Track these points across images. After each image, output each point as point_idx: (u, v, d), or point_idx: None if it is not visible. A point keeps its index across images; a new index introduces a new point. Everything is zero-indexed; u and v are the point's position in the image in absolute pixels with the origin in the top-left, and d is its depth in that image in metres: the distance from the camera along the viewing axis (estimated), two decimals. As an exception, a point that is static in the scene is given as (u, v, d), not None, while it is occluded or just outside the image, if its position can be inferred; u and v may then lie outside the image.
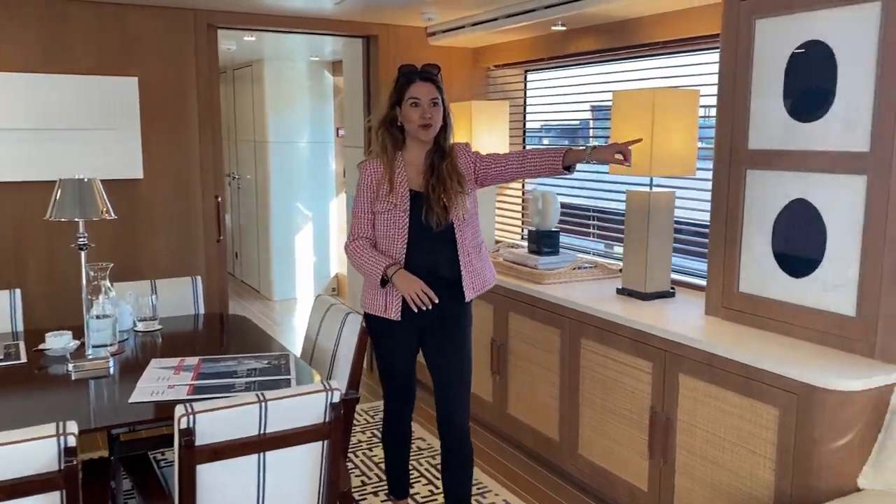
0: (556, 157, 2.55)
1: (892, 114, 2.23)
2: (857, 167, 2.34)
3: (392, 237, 2.57)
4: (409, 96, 2.52)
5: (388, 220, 2.57)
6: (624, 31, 3.57)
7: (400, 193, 2.56)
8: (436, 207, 2.54)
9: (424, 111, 2.52)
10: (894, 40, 2.22)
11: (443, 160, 2.59)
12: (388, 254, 2.57)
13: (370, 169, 2.60)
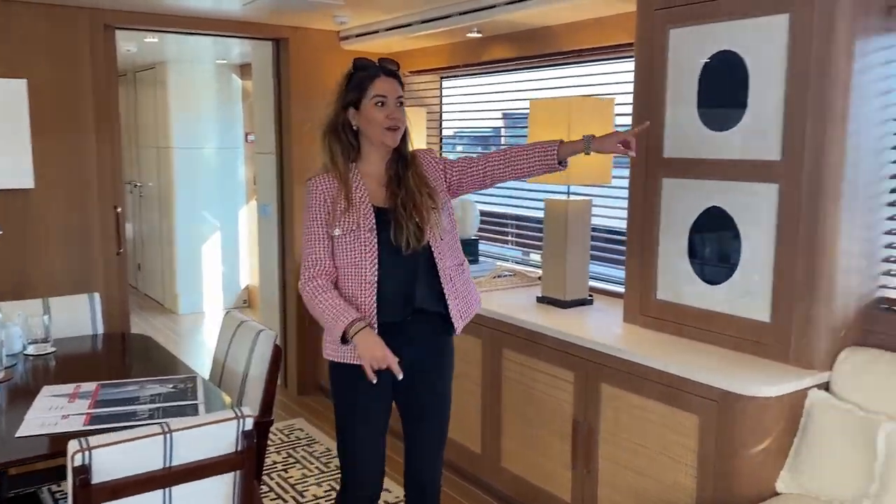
0: (548, 152, 2.23)
1: (801, 123, 2.28)
2: (769, 175, 2.38)
3: (359, 263, 2.15)
4: (373, 94, 2.13)
5: (351, 244, 2.15)
6: (539, 39, 3.56)
7: (362, 211, 2.16)
8: (408, 226, 2.15)
9: (391, 111, 2.14)
10: (802, 51, 2.27)
11: (407, 169, 2.21)
12: (355, 284, 2.16)
13: (322, 185, 2.19)
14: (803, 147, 2.28)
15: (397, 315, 2.18)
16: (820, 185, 2.26)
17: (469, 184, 2.32)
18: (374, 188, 2.21)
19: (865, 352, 2.30)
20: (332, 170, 2.20)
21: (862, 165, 2.29)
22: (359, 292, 2.16)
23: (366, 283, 2.15)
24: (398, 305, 2.17)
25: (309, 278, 2.18)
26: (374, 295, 2.15)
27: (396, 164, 2.23)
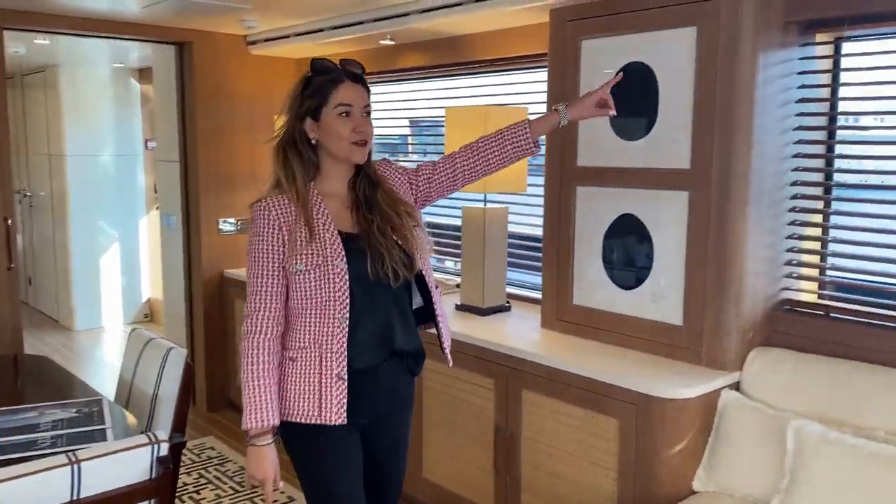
0: (521, 135, 2.00)
1: (709, 133, 2.36)
2: (679, 184, 2.46)
3: (327, 303, 1.80)
4: (337, 102, 1.81)
5: (318, 281, 1.80)
6: (453, 47, 3.57)
7: (328, 240, 1.82)
8: (391, 254, 1.84)
9: (358, 122, 1.84)
10: (709, 64, 2.35)
11: (375, 189, 1.92)
12: (322, 326, 1.82)
13: (275, 211, 1.83)
14: (711, 156, 2.37)
15: (372, 359, 1.87)
16: (728, 192, 2.35)
17: (438, 190, 2.07)
18: (338, 211, 1.89)
19: (772, 351, 2.41)
20: (287, 191, 1.85)
21: (766, 173, 2.40)
22: (326, 337, 1.82)
23: (335, 326, 1.81)
24: (373, 348, 1.86)
25: (253, 330, 1.82)
26: (345, 339, 1.81)
27: (363, 184, 1.92)
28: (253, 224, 1.86)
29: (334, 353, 1.82)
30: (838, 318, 2.42)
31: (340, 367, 1.82)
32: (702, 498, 2.28)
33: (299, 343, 1.85)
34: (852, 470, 1.94)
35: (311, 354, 1.83)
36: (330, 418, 1.81)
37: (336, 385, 1.81)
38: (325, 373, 1.82)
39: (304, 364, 1.83)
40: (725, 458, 2.28)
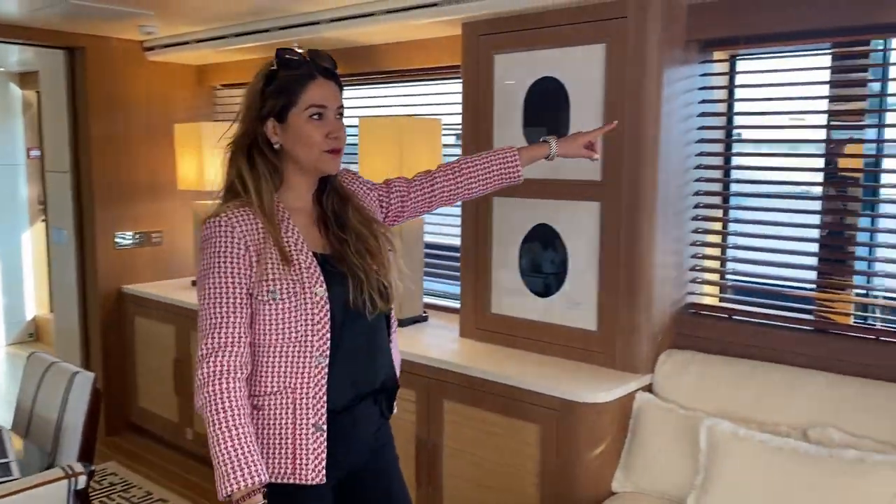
0: (509, 162, 1.89)
1: (619, 146, 2.46)
2: (591, 194, 2.54)
3: (303, 338, 1.55)
4: (309, 103, 1.57)
5: (293, 312, 1.55)
6: (365, 57, 3.55)
7: (301, 262, 1.57)
8: (369, 280, 1.62)
9: (332, 127, 1.60)
10: (618, 79, 2.45)
11: (345, 204, 1.69)
12: (296, 365, 1.56)
13: (239, 227, 1.55)
14: (621, 168, 2.47)
15: (347, 400, 1.62)
16: (637, 202, 2.45)
17: (412, 209, 1.88)
18: (306, 229, 1.64)
19: (681, 354, 2.53)
20: (251, 203, 1.57)
21: (671, 184, 2.52)
22: (301, 379, 1.55)
23: (311, 366, 1.55)
24: (349, 388, 1.62)
25: (220, 371, 1.49)
26: (324, 381, 1.55)
27: (331, 198, 1.69)
28: (209, 243, 1.55)
29: (311, 399, 1.55)
30: (739, 319, 2.57)
31: (318, 415, 1.55)
32: (620, 499, 2.36)
33: (266, 388, 1.55)
34: (761, 464, 2.06)
35: (283, 401, 1.54)
36: (306, 476, 1.54)
37: (313, 437, 1.54)
38: (300, 422, 1.54)
39: (273, 413, 1.55)
40: (642, 458, 2.38)
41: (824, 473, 1.97)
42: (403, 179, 1.91)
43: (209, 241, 1.56)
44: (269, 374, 1.56)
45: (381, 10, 3.02)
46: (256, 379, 1.57)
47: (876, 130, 2.35)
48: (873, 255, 2.38)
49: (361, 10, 3.09)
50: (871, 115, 2.36)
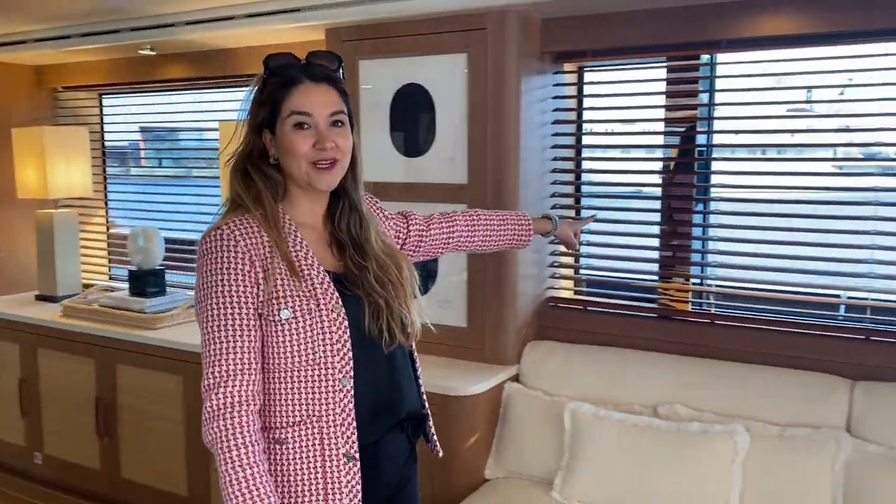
0: (524, 228, 1.93)
1: (483, 151, 2.59)
2: (459, 197, 2.66)
3: (322, 361, 1.41)
4: (289, 110, 1.43)
5: (307, 332, 1.40)
6: (223, 60, 3.48)
7: (314, 278, 1.43)
8: (393, 310, 1.48)
9: (323, 136, 1.44)
10: (480, 88, 2.58)
11: (366, 227, 1.54)
12: (316, 394, 1.40)
13: (245, 240, 1.40)
14: (485, 172, 2.60)
15: (376, 432, 1.48)
16: (500, 204, 2.59)
17: (427, 249, 1.80)
18: (316, 245, 1.50)
19: (543, 344, 2.70)
20: (255, 212, 1.43)
21: (531, 186, 2.68)
22: (326, 406, 1.41)
23: (336, 391, 1.40)
24: (376, 418, 1.48)
25: (231, 403, 1.33)
26: (352, 406, 1.42)
27: (348, 217, 1.53)
28: (210, 259, 1.39)
29: (339, 426, 1.40)
30: (593, 310, 2.79)
31: (349, 443, 1.41)
32: (493, 485, 2.48)
33: (288, 418, 1.40)
34: (619, 441, 2.25)
35: (309, 431, 1.40)
36: None
37: (346, 468, 1.41)
38: (329, 453, 1.40)
39: (298, 445, 1.40)
40: (512, 444, 2.52)
41: (674, 445, 2.19)
42: (420, 216, 1.83)
43: (210, 257, 1.39)
44: (289, 402, 1.40)
45: (242, 14, 2.99)
46: (276, 409, 1.41)
47: (706, 136, 2.63)
48: (706, 247, 2.66)
49: (220, 14, 3.04)
50: (701, 121, 2.63)
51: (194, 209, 3.87)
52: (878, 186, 2.31)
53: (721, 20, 2.40)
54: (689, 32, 2.46)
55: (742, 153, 2.71)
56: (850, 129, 2.40)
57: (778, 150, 2.65)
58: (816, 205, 2.44)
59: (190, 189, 4.01)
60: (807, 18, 2.28)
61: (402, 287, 1.52)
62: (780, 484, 2.11)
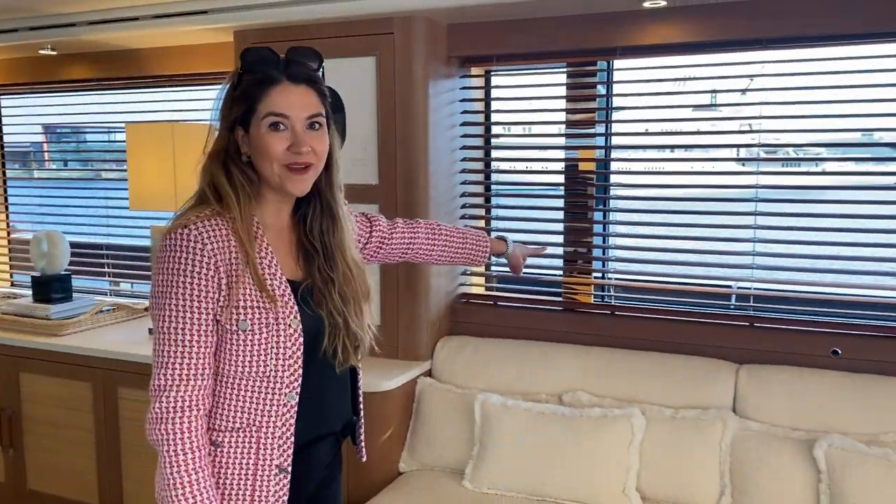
0: (482, 247, 1.96)
1: (393, 153, 2.65)
2: (371, 197, 2.71)
3: (272, 374, 1.41)
4: (265, 111, 1.39)
5: (263, 345, 1.40)
6: (128, 60, 3.42)
7: (276, 288, 1.41)
8: (350, 329, 1.49)
9: (298, 139, 1.40)
10: (388, 90, 2.64)
11: (339, 234, 1.51)
12: (259, 403, 1.42)
13: (210, 244, 1.36)
14: (396, 172, 2.67)
15: (308, 441, 1.50)
16: (412, 203, 2.67)
17: (386, 253, 1.82)
18: (281, 250, 1.48)
19: (455, 339, 2.79)
20: (223, 214, 1.39)
21: (440, 186, 2.76)
22: (268, 416, 1.42)
23: (280, 403, 1.42)
24: (314, 422, 1.50)
25: (179, 407, 1.34)
26: (293, 420, 1.43)
27: (320, 222, 1.50)
28: (173, 258, 1.35)
29: (276, 438, 1.42)
30: (503, 305, 2.89)
31: (284, 456, 1.43)
32: (406, 477, 2.55)
33: (228, 423, 1.42)
34: (527, 428, 2.36)
35: (246, 439, 1.42)
36: None
37: (276, 479, 1.42)
38: (262, 463, 1.41)
39: (234, 451, 1.42)
40: (424, 437, 2.59)
41: (577, 430, 2.31)
42: (384, 221, 1.83)
43: (173, 256, 1.35)
44: (232, 408, 1.42)
45: (148, 15, 2.96)
46: (219, 412, 1.42)
47: (604, 137, 2.78)
48: (607, 243, 2.81)
49: (125, 14, 3.00)
50: (599, 123, 2.77)
51: (102, 212, 3.78)
52: (758, 184, 2.50)
53: (616, 29, 2.54)
54: (587, 40, 2.59)
55: (638, 153, 2.87)
56: (730, 131, 2.58)
57: (671, 150, 2.82)
58: (706, 202, 2.61)
59: (98, 192, 3.92)
60: (692, 28, 2.44)
61: (358, 302, 1.51)
62: (673, 462, 2.26)
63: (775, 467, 2.16)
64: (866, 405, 2.20)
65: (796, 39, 2.38)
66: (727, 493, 2.22)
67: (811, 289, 2.53)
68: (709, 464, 2.24)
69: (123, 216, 3.69)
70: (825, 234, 2.49)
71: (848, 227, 2.45)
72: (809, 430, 2.21)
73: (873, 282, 2.42)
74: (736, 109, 2.58)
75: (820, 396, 2.25)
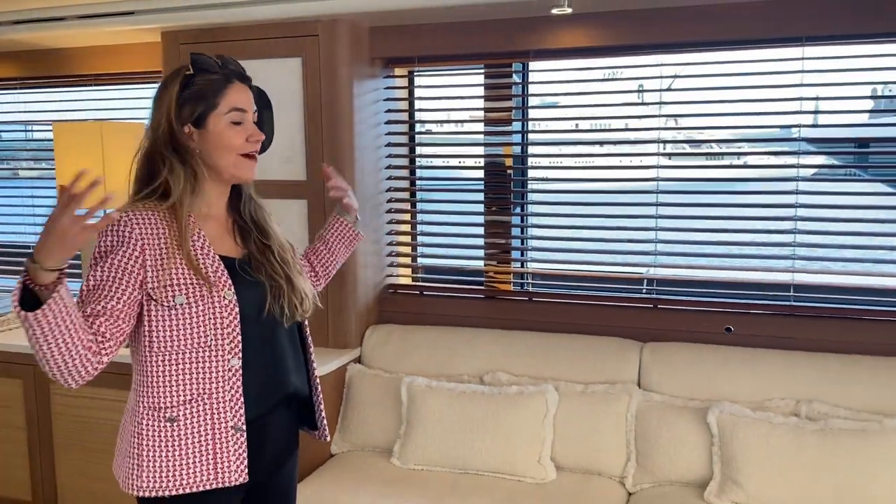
0: (342, 226, 1.99)
1: (319, 150, 2.78)
2: (297, 193, 2.83)
3: (213, 343, 1.54)
4: (230, 106, 1.57)
5: (199, 317, 1.54)
6: (54, 60, 3.43)
7: (209, 265, 1.56)
8: (295, 287, 1.65)
9: (253, 130, 1.61)
10: (314, 90, 2.76)
11: (265, 214, 1.72)
12: (207, 374, 1.55)
13: (141, 227, 1.52)
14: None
15: (261, 408, 1.63)
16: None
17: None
18: (217, 234, 1.64)
19: (383, 328, 2.93)
20: (157, 207, 1.55)
21: (367, 183, 2.90)
22: (215, 377, 1.55)
23: (224, 365, 1.55)
24: (263, 395, 1.63)
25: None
26: (240, 384, 1.57)
27: (249, 205, 1.70)
28: (104, 240, 1.52)
29: (228, 402, 1.56)
30: (428, 294, 3.05)
31: (237, 416, 1.57)
32: (338, 459, 2.68)
33: (180, 396, 1.55)
34: (450, 408, 2.52)
35: (200, 408, 1.55)
36: (229, 478, 1.55)
37: (233, 438, 1.56)
38: (218, 426, 1.55)
39: (189, 422, 1.55)
40: (355, 420, 2.73)
41: (496, 407, 2.49)
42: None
43: (104, 238, 1.52)
44: (181, 382, 1.55)
45: (74, 16, 2.99)
46: (169, 389, 1.54)
47: (520, 135, 2.96)
48: (525, 234, 2.99)
49: (50, 14, 3.02)
50: (516, 121, 2.96)
51: (27, 211, 3.77)
52: (658, 177, 2.72)
53: (529, 34, 2.72)
54: (503, 43, 2.77)
55: (552, 149, 3.07)
56: (633, 128, 2.80)
57: (583, 145, 3.02)
58: (613, 194, 2.83)
59: (19, 191, 3.90)
60: (595, 34, 2.65)
61: (296, 265, 1.70)
62: (584, 433, 2.46)
63: (674, 433, 2.39)
64: (754, 376, 2.44)
65: (687, 44, 2.62)
66: (632, 458, 2.44)
67: (707, 273, 2.77)
68: (616, 433, 2.45)
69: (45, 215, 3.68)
70: (719, 222, 2.73)
71: (739, 215, 2.69)
72: (704, 399, 2.44)
73: (762, 265, 2.67)
74: (639, 108, 2.80)
75: (714, 369, 2.49)
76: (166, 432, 1.54)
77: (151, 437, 1.54)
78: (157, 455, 1.54)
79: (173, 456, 1.54)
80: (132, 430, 1.58)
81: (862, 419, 2.27)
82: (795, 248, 2.60)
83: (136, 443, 1.56)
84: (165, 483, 1.53)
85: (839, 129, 2.68)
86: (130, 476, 1.56)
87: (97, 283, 1.50)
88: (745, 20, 2.48)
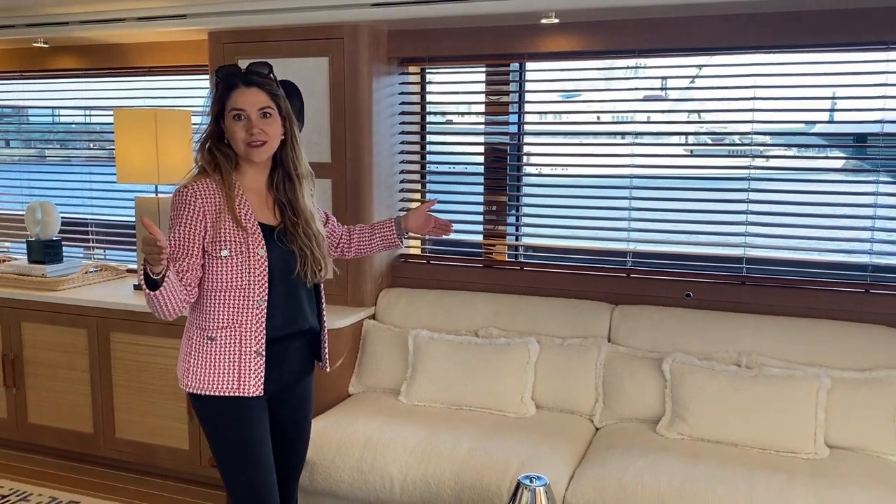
0: (391, 230, 2.42)
1: (342, 136, 3.25)
2: (325, 173, 3.30)
3: (246, 286, 2.03)
4: (230, 108, 2.03)
5: (239, 267, 2.02)
6: (113, 53, 3.92)
7: (249, 229, 2.04)
8: (315, 256, 2.12)
9: (251, 125, 2.02)
10: (339, 85, 3.23)
11: (296, 192, 2.13)
12: (240, 305, 2.04)
13: (202, 196, 2.00)
14: (345, 153, 3.26)
15: (284, 332, 2.12)
16: (358, 180, 3.27)
17: (332, 244, 2.41)
18: (258, 204, 2.10)
19: (395, 291, 3.41)
20: (213, 175, 2.05)
21: (382, 166, 3.37)
22: (245, 313, 2.04)
23: (253, 305, 2.04)
24: (285, 323, 2.11)
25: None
26: (264, 320, 2.05)
27: (282, 183, 2.14)
28: (178, 207, 2.01)
29: (253, 333, 2.05)
30: (435, 263, 3.52)
31: (259, 344, 2.05)
32: (354, 397, 3.16)
33: (218, 323, 2.04)
34: (449, 356, 3.00)
35: (232, 333, 2.04)
36: (248, 390, 2.04)
37: (255, 360, 2.05)
38: (245, 349, 2.04)
39: (223, 343, 2.04)
40: (369, 366, 3.21)
41: (487, 355, 2.96)
42: (335, 221, 2.45)
43: (175, 204, 2.03)
44: (220, 312, 2.05)
45: (133, 17, 3.47)
46: (211, 316, 2.05)
47: (516, 126, 3.41)
48: (519, 212, 3.45)
49: (113, 16, 3.50)
50: (512, 114, 3.41)
51: (85, 187, 4.28)
52: (633, 164, 3.17)
53: (523, 39, 3.17)
54: (502, 47, 3.21)
55: (543, 139, 3.52)
56: (612, 122, 3.24)
57: (568, 136, 3.47)
58: (596, 178, 3.28)
59: (76, 170, 4.40)
60: (580, 40, 3.09)
61: (319, 237, 2.15)
62: (561, 378, 2.93)
63: (635, 379, 2.85)
64: (705, 332, 2.89)
65: (665, 50, 3.05)
66: (600, 399, 2.90)
67: (672, 248, 3.22)
68: (587, 378, 2.91)
69: (113, 189, 4.18)
70: (683, 203, 3.16)
71: (700, 198, 3.13)
72: (662, 351, 2.90)
73: (719, 240, 3.11)
74: (621, 104, 3.24)
75: (672, 326, 2.94)
76: (207, 348, 2.06)
77: (197, 350, 2.07)
78: (199, 363, 2.06)
79: (211, 366, 2.05)
80: (186, 342, 2.12)
81: (791, 369, 2.71)
82: (748, 226, 3.04)
83: (187, 353, 2.10)
84: (204, 384, 2.05)
85: (785, 136, 3.11)
86: (183, 376, 2.10)
87: (175, 244, 2.01)
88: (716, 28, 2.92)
